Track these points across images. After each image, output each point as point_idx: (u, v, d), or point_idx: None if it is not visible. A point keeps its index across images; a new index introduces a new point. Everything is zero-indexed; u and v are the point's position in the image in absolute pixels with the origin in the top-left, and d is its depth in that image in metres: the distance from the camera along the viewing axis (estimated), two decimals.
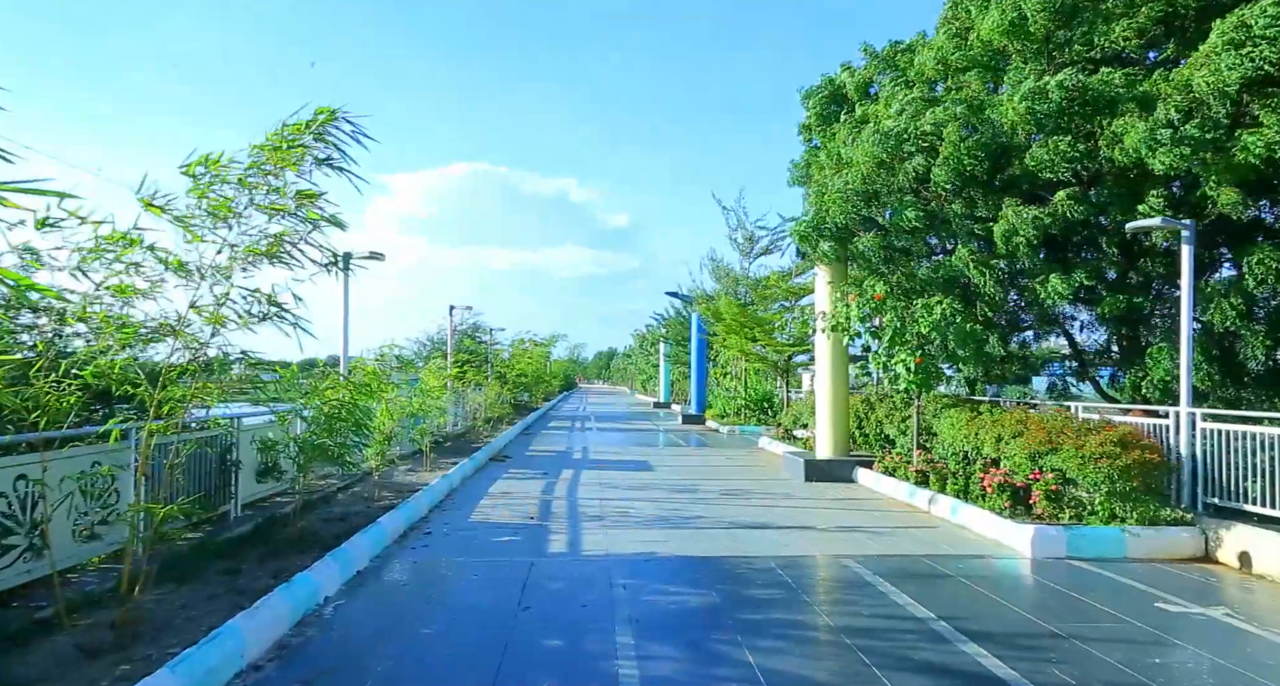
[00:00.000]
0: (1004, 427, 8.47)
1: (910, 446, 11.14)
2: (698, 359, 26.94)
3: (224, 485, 6.89)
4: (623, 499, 9.95)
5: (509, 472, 12.58)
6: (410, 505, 8.27)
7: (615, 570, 6.32)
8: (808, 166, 14.12)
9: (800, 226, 11.14)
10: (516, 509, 9.19)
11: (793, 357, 18.11)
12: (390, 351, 9.00)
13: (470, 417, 20.33)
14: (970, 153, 9.29)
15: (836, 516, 8.78)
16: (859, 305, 10.29)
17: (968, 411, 9.70)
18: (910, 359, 9.80)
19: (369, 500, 9.10)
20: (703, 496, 10.20)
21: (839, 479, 11.68)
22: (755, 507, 9.37)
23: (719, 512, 9.00)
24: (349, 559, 5.94)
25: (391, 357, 8.97)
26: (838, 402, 12.14)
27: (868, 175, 10.39)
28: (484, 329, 26.26)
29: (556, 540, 7.48)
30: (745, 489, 10.93)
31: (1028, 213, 9.06)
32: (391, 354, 8.95)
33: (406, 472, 11.48)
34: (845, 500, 9.98)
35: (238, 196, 4.57)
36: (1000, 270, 9.88)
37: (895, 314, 10.29)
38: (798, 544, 7.31)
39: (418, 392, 10.35)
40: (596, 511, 9.06)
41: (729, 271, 23.28)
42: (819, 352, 12.44)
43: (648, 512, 8.99)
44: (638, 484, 11.35)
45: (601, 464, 13.92)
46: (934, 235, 10.65)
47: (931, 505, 8.86)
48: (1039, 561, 6.65)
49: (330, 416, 6.64)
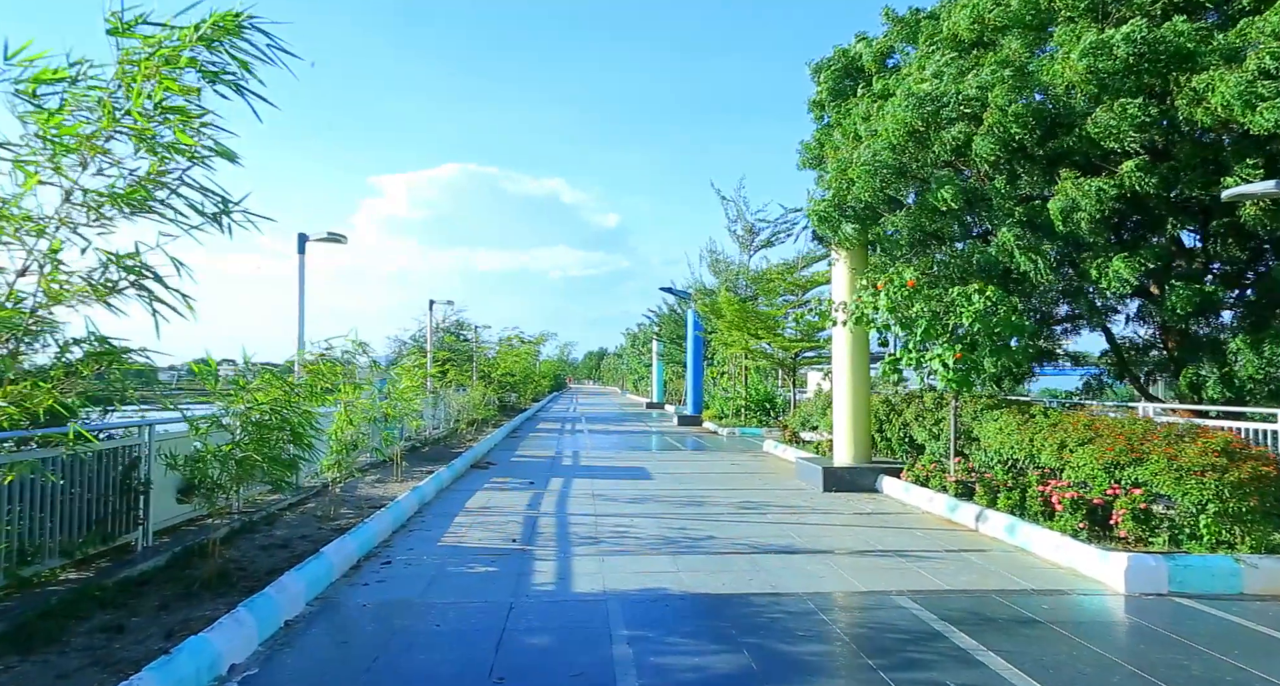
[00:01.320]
0: (1068, 433, 7.25)
1: (944, 453, 9.93)
2: (694, 357, 25.69)
3: (128, 509, 5.55)
4: (620, 514, 8.68)
5: (491, 482, 11.28)
6: (369, 526, 6.96)
7: (616, 615, 5.04)
8: (820, 147, 12.87)
9: (819, 206, 9.90)
10: (496, 528, 7.89)
11: (799, 355, 16.91)
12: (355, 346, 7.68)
13: (454, 420, 18.99)
14: (1019, 119, 8.08)
15: (870, 536, 7.54)
16: (888, 293, 9.05)
17: (1016, 414, 8.48)
18: (949, 354, 8.58)
19: (323, 519, 7.78)
20: (711, 511, 8.94)
21: (861, 488, 10.45)
22: (774, 525, 8.12)
23: (733, 531, 7.74)
24: (272, 608, 4.62)
25: (356, 352, 7.65)
26: (858, 403, 10.92)
27: (897, 146, 9.16)
28: (468, 326, 24.88)
29: (543, 571, 6.19)
30: (758, 501, 9.67)
31: (1090, 185, 7.85)
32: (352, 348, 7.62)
33: (373, 484, 10.15)
34: (874, 515, 8.74)
35: (93, 123, 3.27)
36: (1049, 254, 8.66)
37: (928, 303, 9.07)
38: (835, 574, 6.06)
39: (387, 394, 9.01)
40: (590, 531, 7.78)
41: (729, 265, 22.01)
42: (837, 348, 11.22)
43: (650, 532, 7.72)
44: (636, 495, 10.07)
45: (594, 471, 12.63)
46: (972, 215, 9.44)
47: (980, 522, 7.64)
48: (1135, 599, 5.42)
49: (261, 424, 5.32)
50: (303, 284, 9.23)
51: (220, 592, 5.05)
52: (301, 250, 9.34)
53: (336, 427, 7.69)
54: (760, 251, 21.56)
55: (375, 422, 8.43)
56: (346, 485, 9.88)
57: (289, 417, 5.44)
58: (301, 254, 9.31)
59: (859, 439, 10.94)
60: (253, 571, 5.66)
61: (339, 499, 8.83)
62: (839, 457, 11.09)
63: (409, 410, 11.03)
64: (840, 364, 11.11)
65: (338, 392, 7.89)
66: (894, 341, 12.45)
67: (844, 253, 11.04)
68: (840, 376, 11.10)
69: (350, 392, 7.84)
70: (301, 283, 9.23)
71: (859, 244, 10.09)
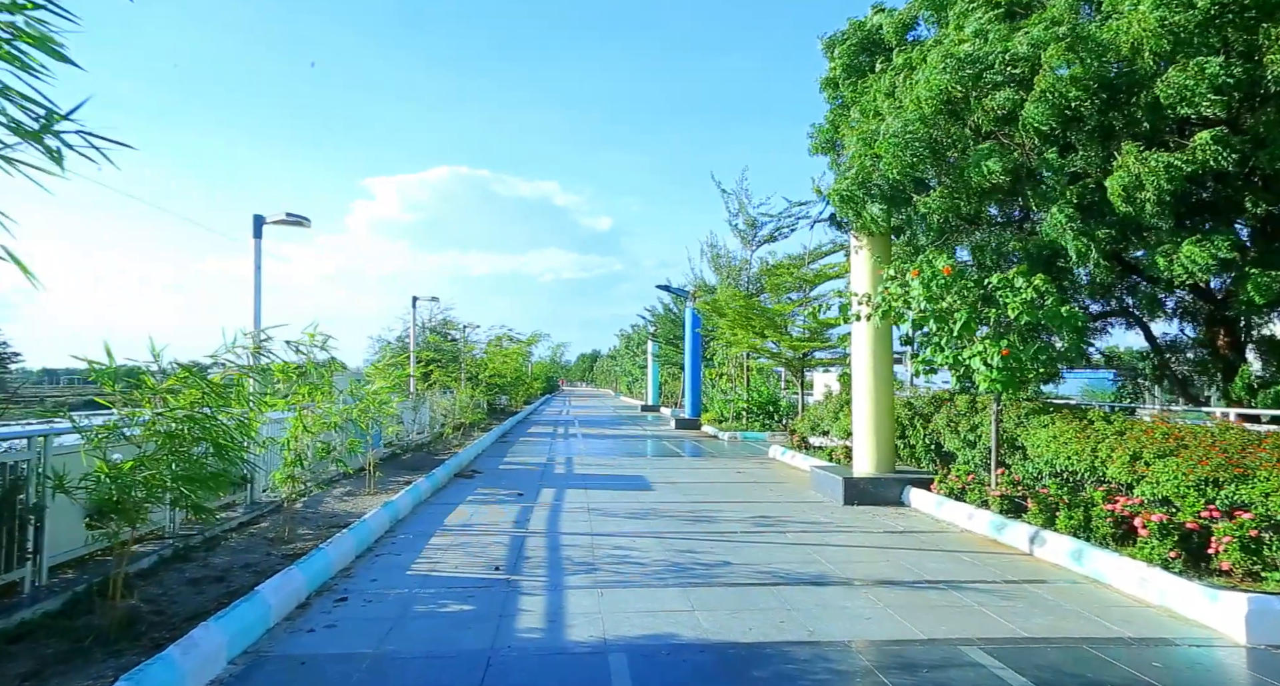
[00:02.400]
0: (1141, 442, 6.25)
1: (981, 463, 8.92)
2: (692, 358, 24.65)
3: (10, 540, 4.45)
4: (619, 533, 7.63)
5: (476, 493, 10.20)
6: (323, 554, 5.88)
7: (621, 674, 4.00)
8: (834, 128, 11.85)
9: (841, 185, 8.87)
10: (478, 551, 6.82)
11: (807, 355, 15.89)
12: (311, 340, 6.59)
13: (439, 424, 17.89)
14: (1078, 82, 7.08)
15: (909, 561, 6.52)
16: (923, 283, 8.04)
17: (1070, 419, 7.48)
18: (993, 351, 7.57)
19: (275, 542, 6.69)
20: (722, 528, 7.90)
21: (886, 501, 9.43)
22: (796, 546, 7.08)
23: (751, 554, 6.70)
24: (172, 676, 3.54)
25: (311, 347, 6.57)
26: (881, 407, 9.90)
27: (929, 117, 8.16)
28: (455, 325, 23.74)
29: (530, 610, 5.13)
30: (774, 516, 8.64)
31: (1158, 160, 6.86)
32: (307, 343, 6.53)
33: (342, 498, 9.06)
34: (908, 534, 7.71)
35: None
36: (1103, 239, 7.66)
37: (965, 294, 8.07)
38: (883, 614, 5.03)
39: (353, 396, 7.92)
40: (585, 554, 6.72)
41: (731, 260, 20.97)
42: (857, 346, 10.20)
43: (654, 555, 6.67)
44: (636, 509, 9.02)
45: (589, 480, 11.57)
46: (1016, 195, 8.44)
47: (1036, 545, 6.62)
48: (1261, 651, 4.41)
49: (172, 436, 4.24)
50: (259, 271, 8.15)
51: (117, 650, 3.97)
52: (258, 234, 8.24)
53: (291, 436, 6.60)
54: (763, 247, 20.55)
55: (339, 429, 7.34)
56: (311, 499, 8.79)
57: (213, 427, 4.36)
58: (258, 238, 8.22)
59: (882, 446, 9.92)
60: (171, 616, 4.59)
61: (298, 517, 7.74)
62: (859, 467, 10.07)
63: (384, 414, 9.95)
64: (861, 363, 10.09)
65: (294, 396, 6.81)
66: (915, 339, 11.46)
67: (865, 240, 10.03)
68: (860, 377, 10.08)
69: (309, 395, 6.75)
70: (258, 269, 8.14)
71: (884, 228, 9.07)
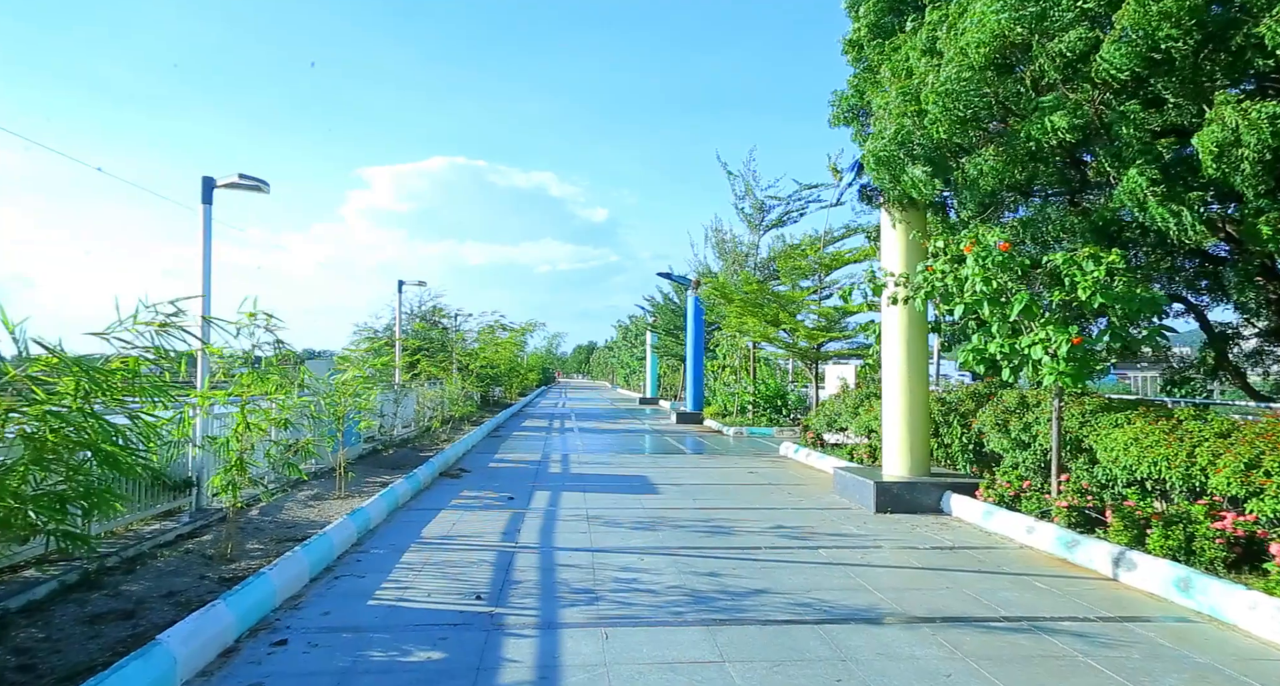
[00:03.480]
0: (1258, 447, 5.18)
1: (1035, 467, 7.86)
2: (694, 349, 23.54)
3: None
4: (624, 548, 6.54)
5: (461, 496, 9.10)
6: (264, 581, 4.78)
7: None
8: (859, 94, 10.70)
9: (878, 145, 7.76)
10: (457, 573, 5.73)
11: (822, 346, 14.80)
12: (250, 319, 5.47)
13: (427, 418, 16.79)
14: (1170, 16, 5.98)
15: (975, 588, 5.45)
16: (978, 259, 6.94)
17: (1155, 419, 6.41)
18: (1061, 338, 6.48)
19: (216, 560, 5.59)
20: (743, 542, 6.82)
21: (923, 509, 8.38)
22: (834, 566, 6.01)
23: (783, 578, 5.62)
24: None
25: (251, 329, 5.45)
26: (915, 402, 8.82)
27: (981, 68, 7.04)
28: (446, 313, 22.59)
29: (515, 660, 4.05)
30: (799, 526, 7.57)
31: (1263, 111, 5.76)
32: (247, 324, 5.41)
33: (307, 502, 7.96)
34: (959, 551, 6.65)
35: None
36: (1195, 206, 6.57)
37: (1023, 272, 6.99)
38: (968, 672, 3.95)
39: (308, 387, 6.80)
40: (585, 577, 5.64)
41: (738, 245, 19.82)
42: (888, 333, 9.11)
43: (668, 579, 5.59)
44: (642, 516, 7.94)
45: (587, 481, 10.49)
46: (1081, 156, 7.34)
47: (1121, 569, 5.55)
48: None
49: (32, 439, 3.13)
50: (208, 241, 7.00)
51: None
52: (207, 199, 7.09)
53: (231, 435, 5.48)
54: (770, 231, 19.43)
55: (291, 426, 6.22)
56: (270, 505, 7.68)
57: (92, 427, 3.25)
58: (207, 204, 7.07)
59: (916, 446, 8.85)
60: (42, 675, 3.49)
61: (250, 527, 6.64)
62: (890, 469, 9.00)
63: (358, 407, 8.83)
64: (892, 352, 9.01)
65: (235, 386, 5.70)
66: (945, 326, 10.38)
67: (898, 214, 8.93)
68: (892, 368, 9.00)
69: (253, 386, 5.63)
70: (207, 240, 6.99)
71: (927, 195, 7.94)
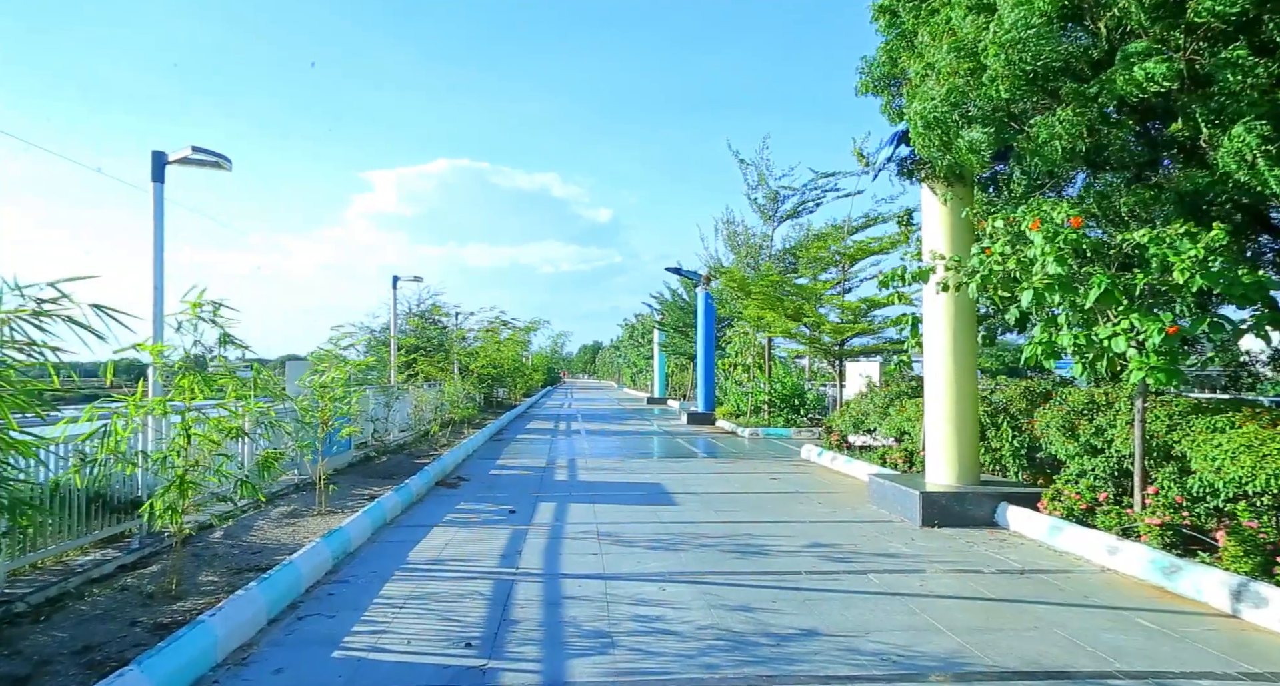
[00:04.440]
0: None
1: (1108, 475, 6.88)
2: (705, 347, 22.58)
3: None
4: (642, 576, 5.60)
5: (457, 510, 8.18)
6: (210, 628, 3.86)
7: None
8: (892, 61, 9.73)
9: (926, 105, 6.79)
10: (446, 611, 4.80)
11: (846, 342, 13.80)
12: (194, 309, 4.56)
13: (427, 420, 15.89)
14: None
15: (1068, 628, 4.49)
16: (1048, 237, 5.97)
17: (1267, 422, 5.43)
18: (1153, 328, 5.50)
19: (156, 597, 4.68)
20: (780, 565, 5.87)
21: (975, 522, 7.42)
22: (893, 598, 5.06)
23: (834, 616, 4.67)
24: None
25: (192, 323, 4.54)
26: (964, 401, 7.86)
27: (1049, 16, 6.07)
28: (446, 311, 21.68)
29: None
30: (839, 545, 6.62)
31: None
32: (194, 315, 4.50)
33: (281, 520, 7.04)
34: (1033, 577, 5.68)
35: None
36: None
37: (1100, 253, 6.02)
38: None
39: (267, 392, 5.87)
40: (597, 615, 4.70)
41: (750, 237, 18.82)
42: (931, 324, 8.15)
43: (696, 616, 4.65)
44: (659, 533, 7.01)
45: (596, 490, 9.55)
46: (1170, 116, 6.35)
47: (1246, 605, 4.58)
48: None
49: None
50: (160, 223, 6.09)
51: None
52: (158, 177, 6.18)
53: (170, 450, 4.57)
54: (785, 223, 18.46)
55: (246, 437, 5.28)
56: (240, 523, 6.78)
57: None
58: (158, 182, 6.16)
59: (965, 451, 7.88)
60: None
61: (208, 553, 5.72)
62: (935, 476, 8.04)
63: (340, 413, 7.92)
64: (936, 345, 8.05)
65: (175, 390, 4.78)
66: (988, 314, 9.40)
67: (941, 189, 7.97)
68: (937, 363, 8.04)
69: (197, 389, 4.70)
70: (158, 221, 6.08)
71: (984, 161, 6.94)
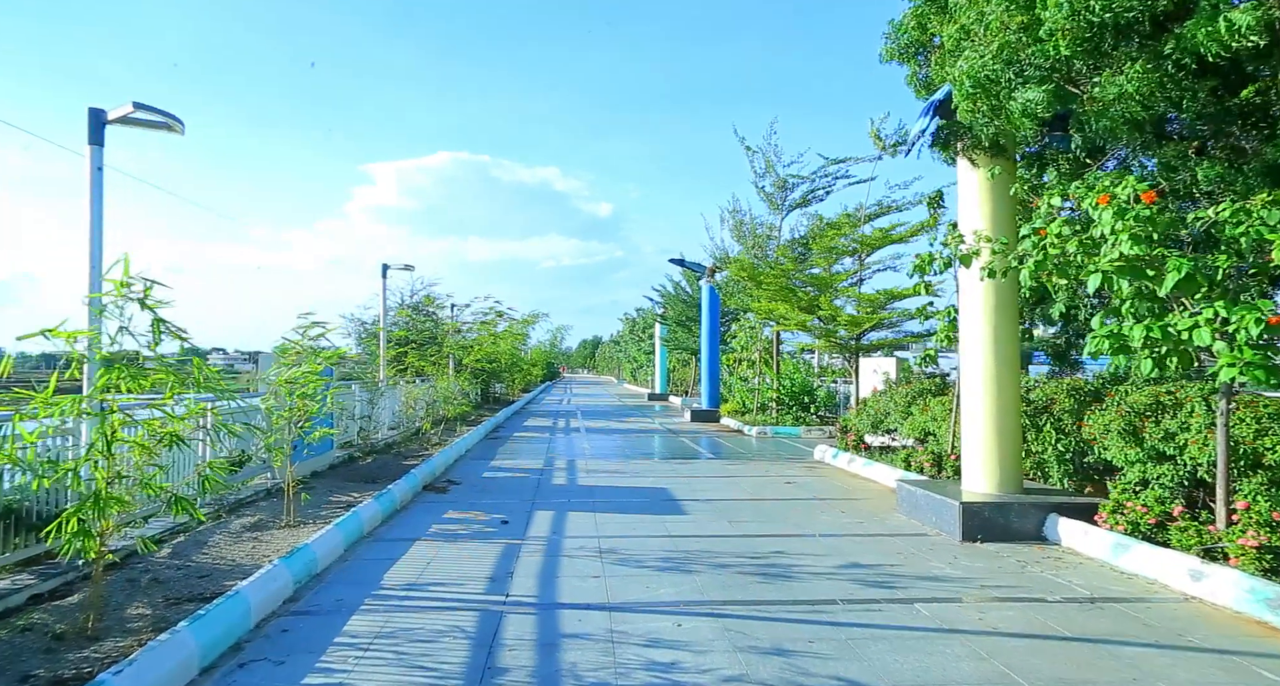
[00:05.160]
0: None
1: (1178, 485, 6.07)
2: (709, 341, 21.78)
3: None
4: (653, 605, 4.80)
5: (444, 520, 7.39)
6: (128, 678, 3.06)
7: None
8: (920, 27, 8.89)
9: (974, 67, 5.95)
10: (418, 654, 4.00)
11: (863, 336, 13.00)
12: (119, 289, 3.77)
13: (417, 418, 15.10)
14: None
15: (1172, 678, 3.70)
16: (1119, 213, 5.16)
17: None
18: (1249, 318, 4.69)
19: (68, 639, 3.89)
20: (812, 591, 5.08)
21: (1020, 535, 6.63)
22: (948, 635, 4.26)
23: (888, 663, 3.87)
24: None
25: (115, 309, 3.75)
26: (1006, 400, 7.07)
27: None
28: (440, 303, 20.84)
29: None
30: (875, 565, 5.82)
31: None
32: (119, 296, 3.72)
33: (242, 534, 6.24)
34: (1104, 605, 4.89)
35: None
36: None
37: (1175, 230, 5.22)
38: None
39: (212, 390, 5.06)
40: (601, 660, 3.90)
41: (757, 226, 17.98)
42: (968, 314, 7.35)
43: (719, 663, 3.85)
44: (669, 549, 6.21)
45: (597, 496, 8.76)
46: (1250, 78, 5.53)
47: None
48: None
49: None
50: (98, 190, 5.28)
51: None
52: (96, 139, 5.37)
53: (86, 458, 3.78)
54: (794, 212, 17.62)
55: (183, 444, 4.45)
56: (194, 536, 5.98)
57: None
58: (96, 145, 5.35)
59: (1007, 456, 7.09)
60: None
61: (143, 577, 4.93)
62: (973, 483, 7.24)
63: (310, 412, 7.12)
64: (974, 338, 7.24)
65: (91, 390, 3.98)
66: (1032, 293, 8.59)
67: (984, 160, 7.16)
68: (975, 357, 7.24)
69: (119, 383, 3.90)
70: (97, 188, 5.27)
71: (1037, 128, 6.12)
